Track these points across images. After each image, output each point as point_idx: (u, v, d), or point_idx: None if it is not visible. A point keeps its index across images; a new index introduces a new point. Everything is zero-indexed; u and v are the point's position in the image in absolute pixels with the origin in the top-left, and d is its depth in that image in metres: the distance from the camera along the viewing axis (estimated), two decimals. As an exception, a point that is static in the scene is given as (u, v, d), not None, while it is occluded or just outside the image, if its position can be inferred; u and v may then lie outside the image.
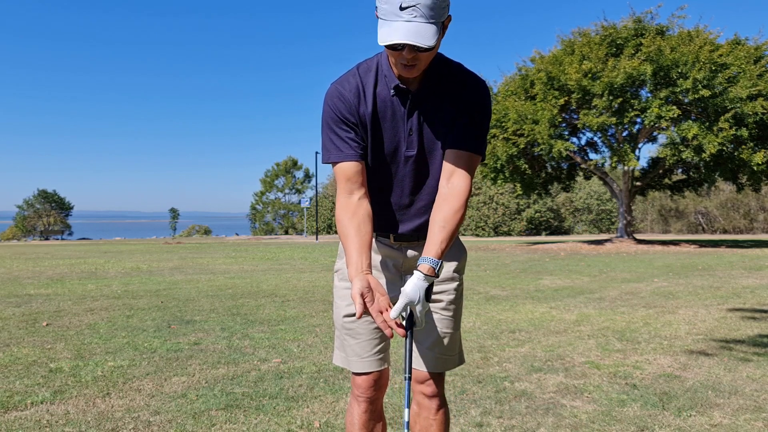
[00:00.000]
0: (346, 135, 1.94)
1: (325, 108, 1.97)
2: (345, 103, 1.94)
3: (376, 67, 1.97)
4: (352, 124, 1.94)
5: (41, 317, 6.63)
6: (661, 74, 17.83)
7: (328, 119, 1.96)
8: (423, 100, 1.95)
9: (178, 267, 13.54)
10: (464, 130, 1.95)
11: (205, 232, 53.05)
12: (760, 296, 8.06)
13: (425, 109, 1.95)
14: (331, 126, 1.96)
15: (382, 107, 1.95)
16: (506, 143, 19.81)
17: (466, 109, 1.96)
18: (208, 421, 3.28)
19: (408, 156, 1.98)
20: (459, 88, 1.96)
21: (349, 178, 1.95)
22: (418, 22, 1.72)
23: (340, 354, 2.14)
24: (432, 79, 1.94)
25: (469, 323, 6.12)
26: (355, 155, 1.95)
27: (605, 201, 41.29)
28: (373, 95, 1.95)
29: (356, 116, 1.94)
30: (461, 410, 3.47)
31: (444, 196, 1.94)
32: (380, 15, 1.77)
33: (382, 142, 1.97)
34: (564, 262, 14.17)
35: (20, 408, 3.50)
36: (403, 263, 2.11)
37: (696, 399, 3.64)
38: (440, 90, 1.95)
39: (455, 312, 2.11)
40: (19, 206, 58.25)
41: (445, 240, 1.89)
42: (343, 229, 1.92)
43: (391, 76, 1.93)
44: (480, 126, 1.97)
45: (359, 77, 1.96)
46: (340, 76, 2.01)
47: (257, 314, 6.85)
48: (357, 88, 1.94)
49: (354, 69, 2.00)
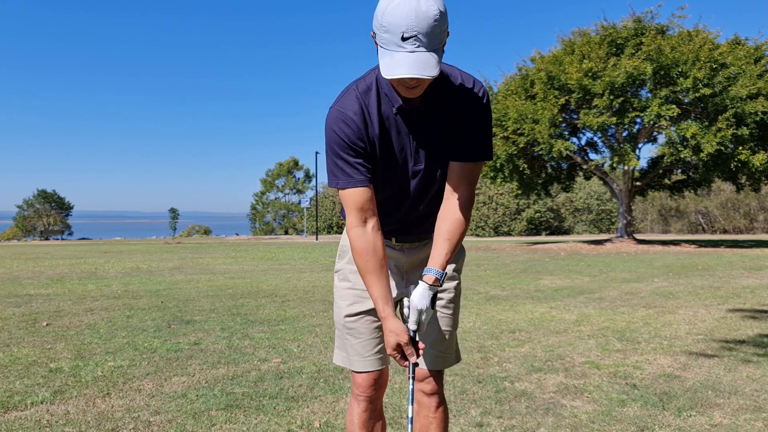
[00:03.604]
0: (355, 161, 1.90)
1: (330, 133, 1.91)
2: (352, 127, 1.88)
3: (375, 86, 1.92)
4: (361, 149, 1.90)
5: (41, 317, 6.63)
6: (662, 73, 17.83)
7: (334, 144, 1.90)
8: (426, 115, 1.93)
9: (178, 267, 13.54)
10: (470, 141, 1.95)
11: (205, 232, 53.03)
12: (760, 296, 8.06)
13: (429, 124, 1.93)
14: (338, 152, 1.90)
15: (388, 126, 1.92)
16: (506, 143, 19.81)
17: (468, 116, 1.95)
18: (208, 421, 3.28)
19: (416, 171, 1.98)
20: (459, 95, 1.94)
21: (360, 206, 1.92)
22: (421, 53, 1.69)
23: (341, 353, 2.15)
24: (432, 93, 1.90)
25: (469, 323, 6.12)
26: (364, 180, 1.91)
27: (605, 201, 41.28)
28: (378, 116, 1.91)
29: (365, 140, 1.90)
30: (461, 410, 3.47)
31: (450, 207, 1.95)
32: (380, 44, 1.74)
33: (390, 161, 1.95)
34: (564, 262, 14.17)
35: (20, 408, 3.50)
36: (405, 263, 2.11)
37: (696, 399, 3.64)
38: (441, 102, 1.93)
39: (455, 310, 2.14)
40: (19, 206, 58.24)
41: (450, 252, 1.92)
42: (365, 264, 1.92)
43: (392, 95, 1.89)
44: (484, 131, 1.97)
45: (361, 99, 1.91)
46: (339, 97, 1.95)
47: (257, 314, 6.85)
48: (362, 110, 1.90)
49: (353, 89, 1.94)
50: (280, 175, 57.25)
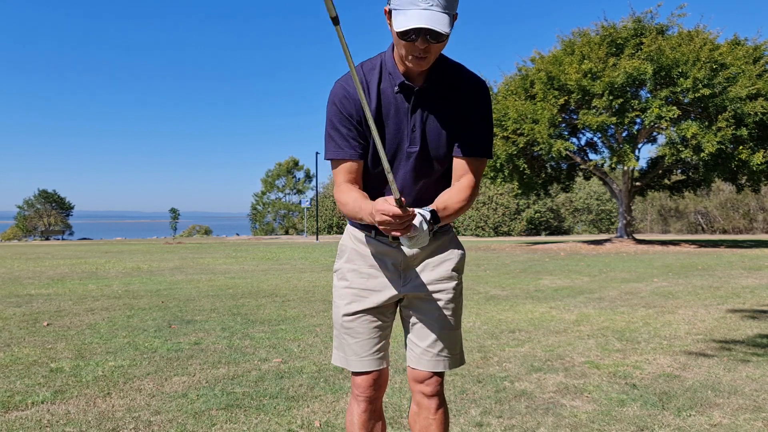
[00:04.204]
0: (349, 134, 1.97)
1: (330, 105, 2.00)
2: (350, 100, 1.96)
3: (380, 66, 2.00)
4: (356, 122, 1.97)
5: (42, 317, 6.64)
6: (662, 74, 17.84)
7: (332, 116, 1.99)
8: (426, 97, 1.98)
9: (179, 267, 13.54)
10: (471, 138, 2.00)
11: (205, 232, 53.03)
12: (759, 296, 8.06)
13: (429, 105, 1.98)
14: (335, 123, 1.99)
15: (386, 104, 1.98)
16: (506, 143, 19.82)
17: (469, 112, 1.99)
18: (208, 421, 3.29)
19: (410, 152, 2.01)
20: (461, 87, 1.99)
21: (349, 172, 2.01)
22: (434, 11, 1.75)
23: (339, 354, 2.15)
24: (435, 77, 1.97)
25: (469, 323, 6.13)
26: (355, 154, 1.99)
27: (605, 201, 41.30)
28: (378, 92, 1.98)
29: (361, 113, 1.96)
30: (461, 410, 3.48)
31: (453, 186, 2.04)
32: (394, 5, 1.80)
33: (385, 139, 1.99)
34: (564, 262, 14.17)
35: (21, 408, 3.51)
36: (402, 261, 2.11)
37: (696, 399, 3.65)
38: (443, 88, 1.98)
39: (454, 311, 2.11)
40: (20, 206, 58.26)
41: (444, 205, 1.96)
42: (350, 201, 1.96)
43: (395, 73, 1.96)
44: (485, 129, 2.02)
45: (363, 75, 1.99)
46: (345, 74, 2.03)
47: (258, 314, 6.85)
48: (361, 85, 1.96)
49: (358, 66, 2.02)
50: (280, 175, 57.25)
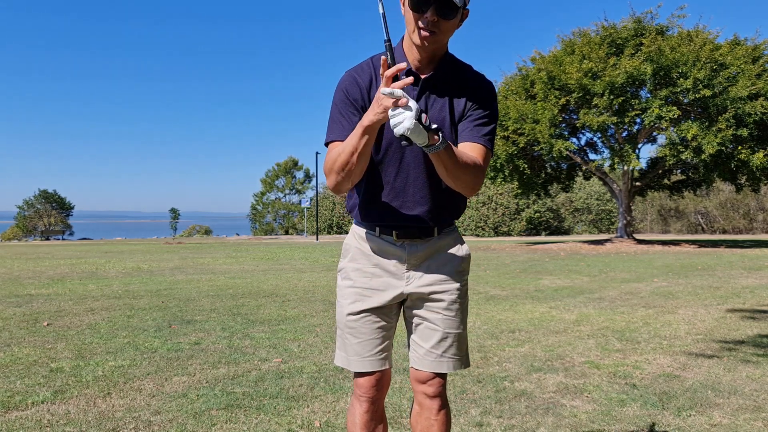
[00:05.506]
0: (351, 118, 1.98)
1: (338, 92, 2.02)
2: (357, 87, 1.99)
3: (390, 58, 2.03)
4: (360, 108, 1.98)
5: (42, 317, 6.64)
6: (662, 74, 17.84)
7: (338, 101, 2.02)
8: (432, 87, 1.99)
9: (179, 267, 13.54)
10: (476, 128, 2.00)
11: (205, 233, 53.02)
12: (759, 296, 8.06)
13: (433, 96, 2.00)
14: (340, 108, 2.01)
15: None
16: (506, 143, 19.82)
17: (474, 108, 2.00)
18: (208, 421, 3.29)
19: None
20: (468, 84, 2.01)
21: None
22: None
23: (341, 354, 2.14)
24: (442, 69, 1.99)
25: (469, 323, 6.10)
26: None
27: (605, 201, 41.29)
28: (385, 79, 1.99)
29: (366, 100, 1.98)
30: (461, 410, 3.48)
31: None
32: None
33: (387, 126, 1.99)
34: (564, 262, 14.17)
35: (21, 408, 3.51)
36: (406, 260, 2.10)
37: (696, 399, 3.65)
38: (450, 81, 2.00)
39: (458, 312, 2.09)
40: (20, 206, 58.25)
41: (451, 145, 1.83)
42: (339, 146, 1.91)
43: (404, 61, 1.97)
44: (489, 123, 2.02)
45: (372, 67, 2.03)
46: (355, 65, 2.07)
47: (258, 314, 6.86)
48: (370, 75, 2.01)
49: (368, 60, 2.06)
50: (280, 175, 57.26)
